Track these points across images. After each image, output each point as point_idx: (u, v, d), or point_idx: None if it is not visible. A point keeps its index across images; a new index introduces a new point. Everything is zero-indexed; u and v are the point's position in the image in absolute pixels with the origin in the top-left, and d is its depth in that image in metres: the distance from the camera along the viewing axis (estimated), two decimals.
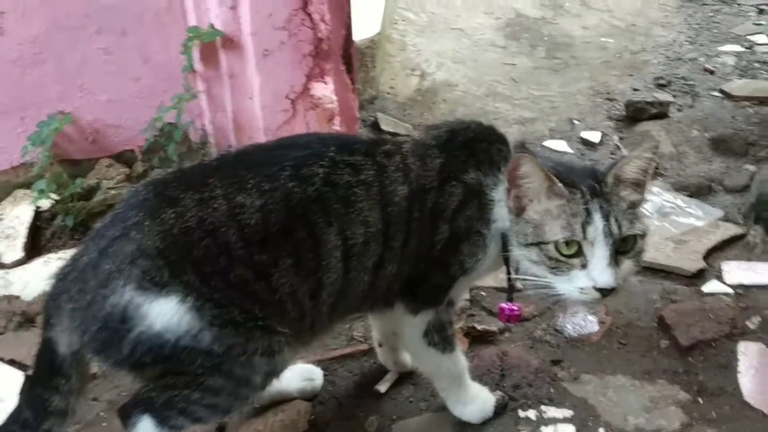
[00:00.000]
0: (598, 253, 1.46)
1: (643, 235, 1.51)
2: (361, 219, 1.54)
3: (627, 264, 1.50)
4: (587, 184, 1.50)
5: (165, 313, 1.41)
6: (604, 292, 1.46)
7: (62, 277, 1.52)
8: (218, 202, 1.47)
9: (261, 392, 1.57)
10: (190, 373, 1.48)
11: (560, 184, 1.49)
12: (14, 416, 1.60)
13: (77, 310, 1.46)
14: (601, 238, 1.45)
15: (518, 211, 1.53)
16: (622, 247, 1.49)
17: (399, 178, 1.58)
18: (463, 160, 1.61)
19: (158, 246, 1.43)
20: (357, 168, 1.56)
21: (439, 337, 1.73)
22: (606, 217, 1.46)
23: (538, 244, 1.49)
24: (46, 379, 1.56)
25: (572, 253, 1.47)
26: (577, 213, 1.47)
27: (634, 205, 1.51)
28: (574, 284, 1.47)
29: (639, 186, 1.53)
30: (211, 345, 1.44)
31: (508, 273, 1.67)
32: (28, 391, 1.62)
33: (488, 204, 1.59)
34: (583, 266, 1.47)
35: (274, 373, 1.54)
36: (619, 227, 1.47)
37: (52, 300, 1.53)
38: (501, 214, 1.58)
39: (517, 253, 1.55)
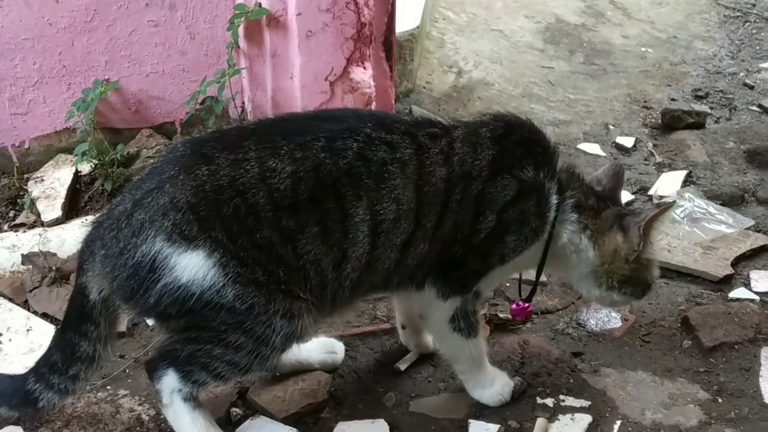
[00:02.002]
0: None
1: None
2: (393, 196, 1.57)
3: None
4: None
5: (191, 266, 1.46)
6: None
7: (97, 225, 1.58)
8: (251, 164, 1.51)
9: (281, 354, 1.60)
10: (213, 329, 1.52)
11: None
12: (45, 359, 1.66)
13: (109, 257, 1.51)
14: None
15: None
16: None
17: (439, 161, 1.60)
18: (518, 157, 1.64)
19: (190, 200, 1.47)
20: (393, 146, 1.59)
21: (464, 323, 1.75)
22: None
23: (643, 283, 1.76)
24: (76, 324, 1.61)
25: None
26: None
27: None
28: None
29: None
30: (233, 302, 1.48)
31: (538, 274, 1.76)
32: (59, 335, 1.68)
33: (548, 206, 1.65)
34: None
35: (294, 336, 1.56)
36: None
37: (86, 246, 1.58)
38: (564, 226, 1.70)
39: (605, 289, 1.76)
